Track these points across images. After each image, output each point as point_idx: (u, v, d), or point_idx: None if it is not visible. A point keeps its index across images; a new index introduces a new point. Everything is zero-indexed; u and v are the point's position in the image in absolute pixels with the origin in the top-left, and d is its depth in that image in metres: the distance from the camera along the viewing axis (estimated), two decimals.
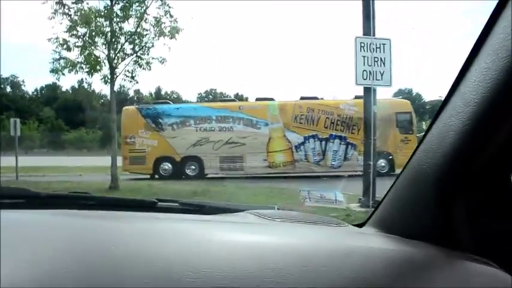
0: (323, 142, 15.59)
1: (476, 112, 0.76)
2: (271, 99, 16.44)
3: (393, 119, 15.20)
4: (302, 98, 16.52)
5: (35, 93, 57.99)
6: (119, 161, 11.98)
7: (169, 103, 18.45)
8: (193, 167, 15.80)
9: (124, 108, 17.21)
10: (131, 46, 11.53)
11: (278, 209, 1.39)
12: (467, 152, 0.81)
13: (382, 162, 14.17)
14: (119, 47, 11.41)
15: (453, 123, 0.81)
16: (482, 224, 0.88)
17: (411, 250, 0.87)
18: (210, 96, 53.87)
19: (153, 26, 11.42)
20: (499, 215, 0.89)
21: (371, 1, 7.54)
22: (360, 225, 1.15)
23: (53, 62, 11.28)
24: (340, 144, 15.43)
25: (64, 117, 47.91)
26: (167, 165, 15.81)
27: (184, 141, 15.64)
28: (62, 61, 11.23)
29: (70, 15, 11.01)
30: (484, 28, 0.76)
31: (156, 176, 15.61)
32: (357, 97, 13.50)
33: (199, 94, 55.83)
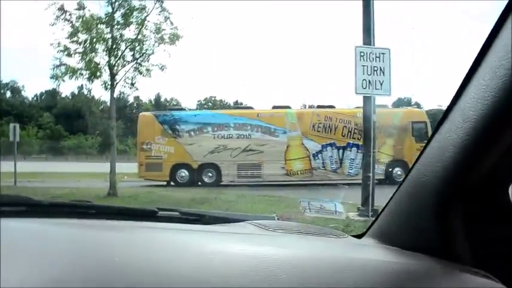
0: (340, 150, 15.68)
1: (475, 128, 0.77)
2: (288, 107, 16.61)
3: (409, 128, 15.48)
4: (319, 107, 16.72)
5: (35, 98, 58.01)
6: (118, 167, 11.97)
7: (185, 110, 18.48)
8: (210, 174, 15.73)
9: (141, 114, 17.31)
10: (131, 53, 11.58)
11: (278, 218, 1.40)
12: (466, 166, 0.82)
13: (398, 170, 14.54)
14: (120, 53, 11.45)
15: (452, 138, 0.82)
16: (481, 237, 0.89)
17: (410, 262, 0.87)
18: (210, 104, 53.92)
19: (154, 33, 11.50)
20: (497, 228, 0.89)
21: (371, 11, 7.58)
22: (359, 236, 1.15)
23: (54, 68, 11.33)
24: (358, 152, 15.38)
25: (63, 123, 47.84)
26: (184, 172, 15.71)
27: (202, 148, 15.59)
28: (62, 67, 11.27)
29: (71, 22, 11.08)
30: (484, 45, 0.77)
31: (172, 183, 15.53)
32: None
33: (198, 101, 55.79)
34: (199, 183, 15.52)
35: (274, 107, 16.75)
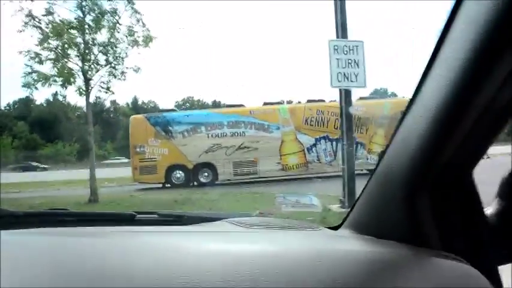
0: (334, 143, 15.73)
1: (436, 118, 0.80)
2: (280, 103, 16.74)
3: (399, 117, 15.58)
4: (309, 101, 16.79)
5: (8, 108, 56.61)
6: (99, 173, 11.81)
7: (176, 110, 18.37)
8: (206, 174, 15.65)
9: (132, 117, 17.11)
10: (105, 57, 11.41)
11: (259, 214, 1.41)
12: (430, 155, 0.85)
13: None
14: (93, 58, 11.28)
15: (416, 128, 0.85)
16: (448, 223, 0.92)
17: (384, 251, 0.90)
18: (188, 104, 53.67)
19: (126, 36, 11.36)
20: (462, 213, 0.93)
21: (343, 5, 7.64)
22: (335, 228, 1.18)
23: (25, 76, 11.08)
24: None
25: (39, 131, 46.84)
26: (179, 173, 15.58)
27: (196, 148, 15.49)
28: (34, 75, 11.03)
29: (41, 28, 10.85)
30: (440, 37, 0.80)
31: (168, 185, 15.41)
32: (361, 98, 13.90)
33: (176, 102, 55.42)
34: (196, 183, 15.45)
35: (265, 104, 16.78)
